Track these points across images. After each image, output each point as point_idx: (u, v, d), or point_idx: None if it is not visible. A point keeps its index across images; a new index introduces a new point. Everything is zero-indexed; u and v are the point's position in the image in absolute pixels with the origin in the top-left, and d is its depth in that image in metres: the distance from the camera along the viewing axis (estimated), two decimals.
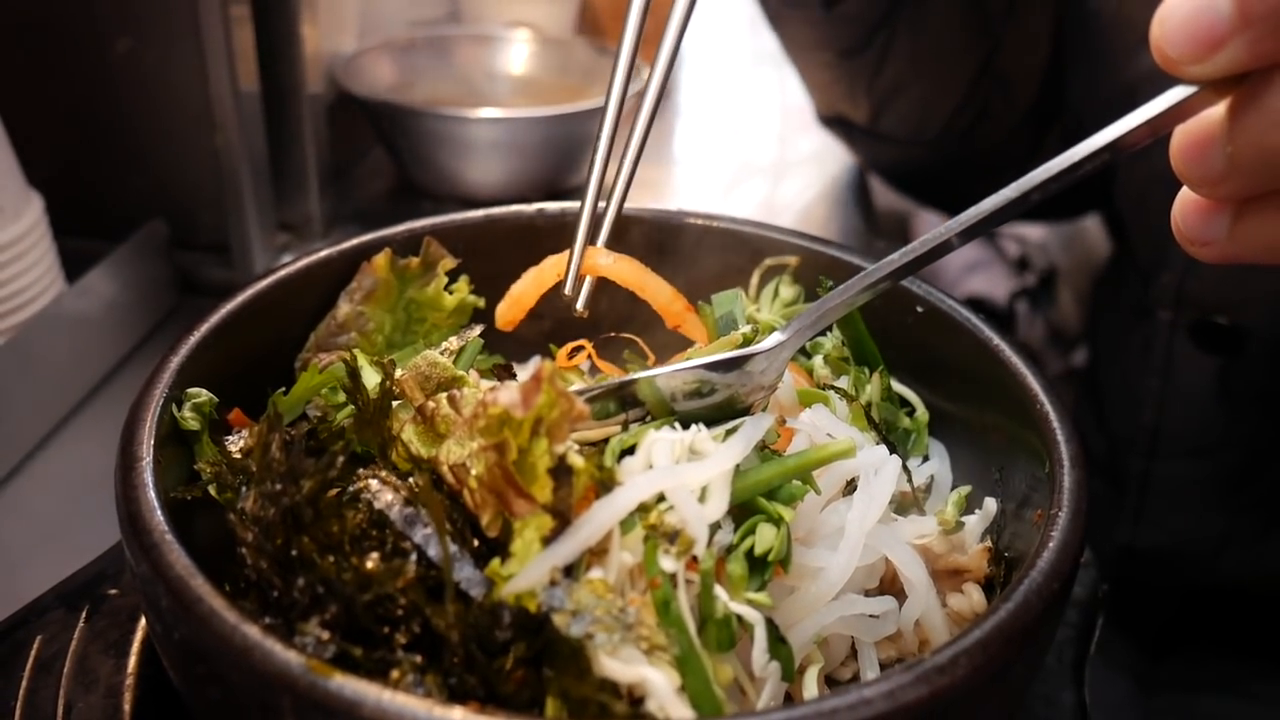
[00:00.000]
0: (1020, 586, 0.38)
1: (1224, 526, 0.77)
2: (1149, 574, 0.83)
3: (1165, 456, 0.78)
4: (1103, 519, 0.87)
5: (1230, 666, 0.85)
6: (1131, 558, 0.82)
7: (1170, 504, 0.79)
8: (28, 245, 0.73)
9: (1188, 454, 0.77)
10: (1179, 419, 0.76)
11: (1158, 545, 0.81)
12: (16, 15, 0.84)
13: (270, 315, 0.54)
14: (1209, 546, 0.78)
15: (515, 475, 0.39)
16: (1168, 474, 0.78)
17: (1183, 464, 0.77)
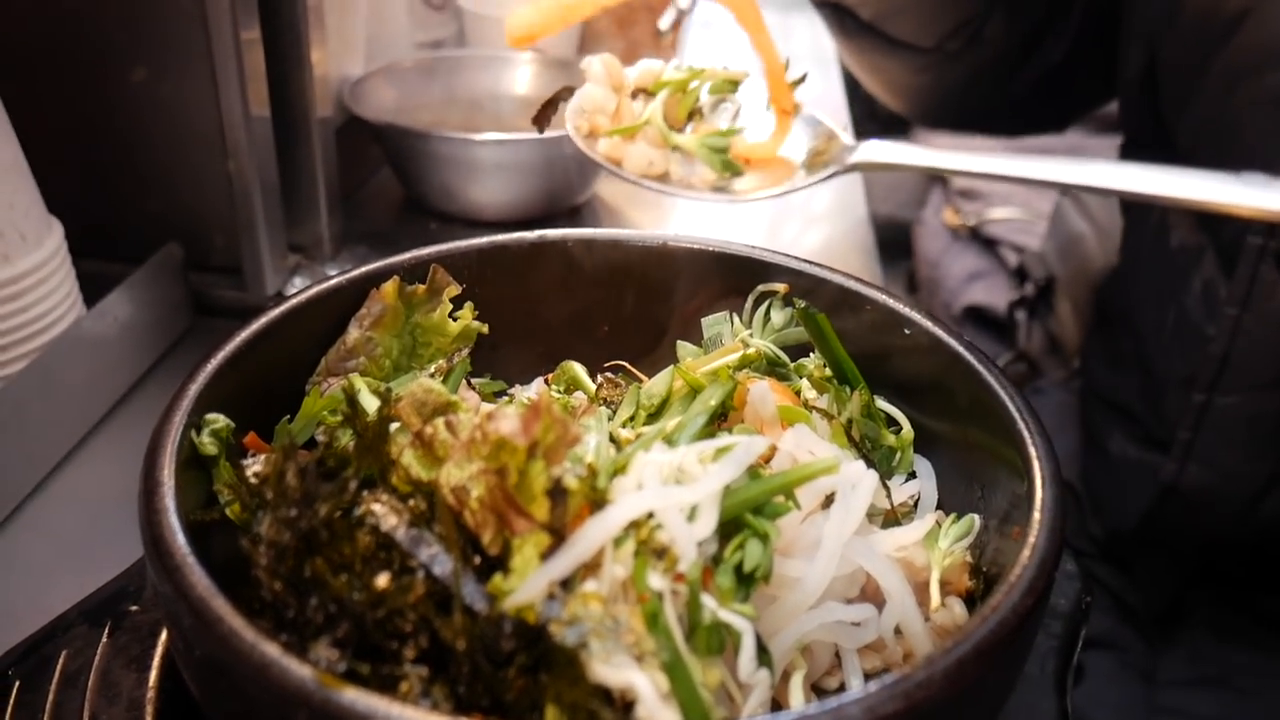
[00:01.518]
0: (996, 603, 0.41)
1: (1271, 467, 0.78)
2: (1186, 516, 0.84)
3: (1228, 390, 0.78)
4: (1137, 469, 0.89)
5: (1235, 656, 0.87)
6: (1174, 497, 0.83)
7: (1225, 439, 0.79)
8: (49, 271, 0.76)
9: (1253, 387, 0.77)
10: (1251, 350, 0.76)
11: (1204, 483, 0.81)
12: (37, 49, 0.87)
13: (283, 341, 0.57)
14: (1256, 486, 0.79)
15: (514, 496, 0.41)
16: (1228, 407, 0.78)
17: (1246, 397, 0.77)
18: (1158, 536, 0.87)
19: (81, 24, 0.87)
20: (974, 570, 0.51)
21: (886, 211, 2.28)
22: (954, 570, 0.50)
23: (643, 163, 0.45)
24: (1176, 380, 0.82)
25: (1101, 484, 0.97)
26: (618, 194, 1.22)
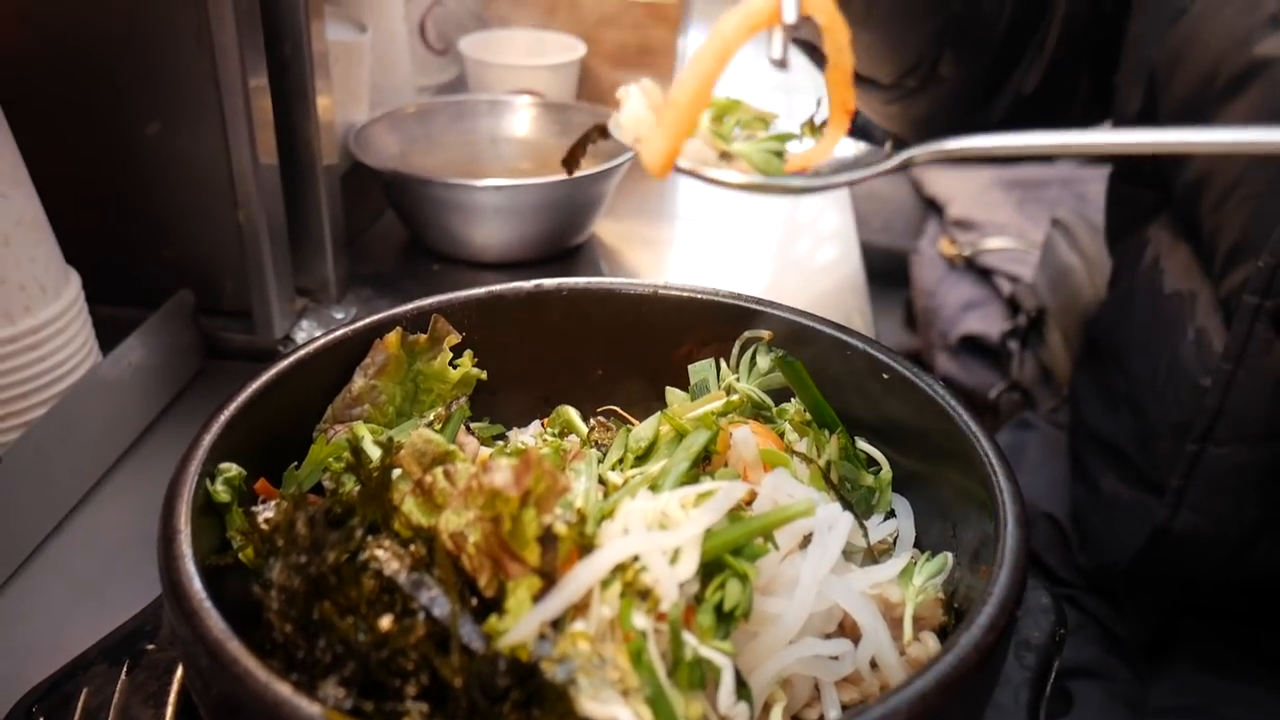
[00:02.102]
0: (959, 639, 0.43)
1: (1263, 514, 0.79)
2: (1179, 558, 0.85)
3: (1222, 441, 0.79)
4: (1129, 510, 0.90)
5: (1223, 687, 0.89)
6: (1165, 541, 0.84)
7: (1216, 488, 0.81)
8: (67, 321, 0.79)
9: (1245, 440, 0.78)
10: (1244, 405, 0.77)
11: (1195, 529, 0.83)
12: (55, 105, 0.91)
13: (291, 390, 0.60)
14: (1245, 532, 0.80)
15: (508, 542, 0.44)
16: (1220, 458, 0.79)
17: (1238, 449, 0.78)
18: (1149, 574, 0.89)
19: (98, 81, 0.90)
20: (947, 605, 0.54)
21: (883, 242, 2.32)
22: (927, 605, 0.53)
23: (698, 158, 0.48)
24: (1169, 426, 0.84)
25: (1093, 521, 0.98)
26: (616, 235, 1.26)
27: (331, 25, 1.07)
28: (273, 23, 0.93)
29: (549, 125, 1.30)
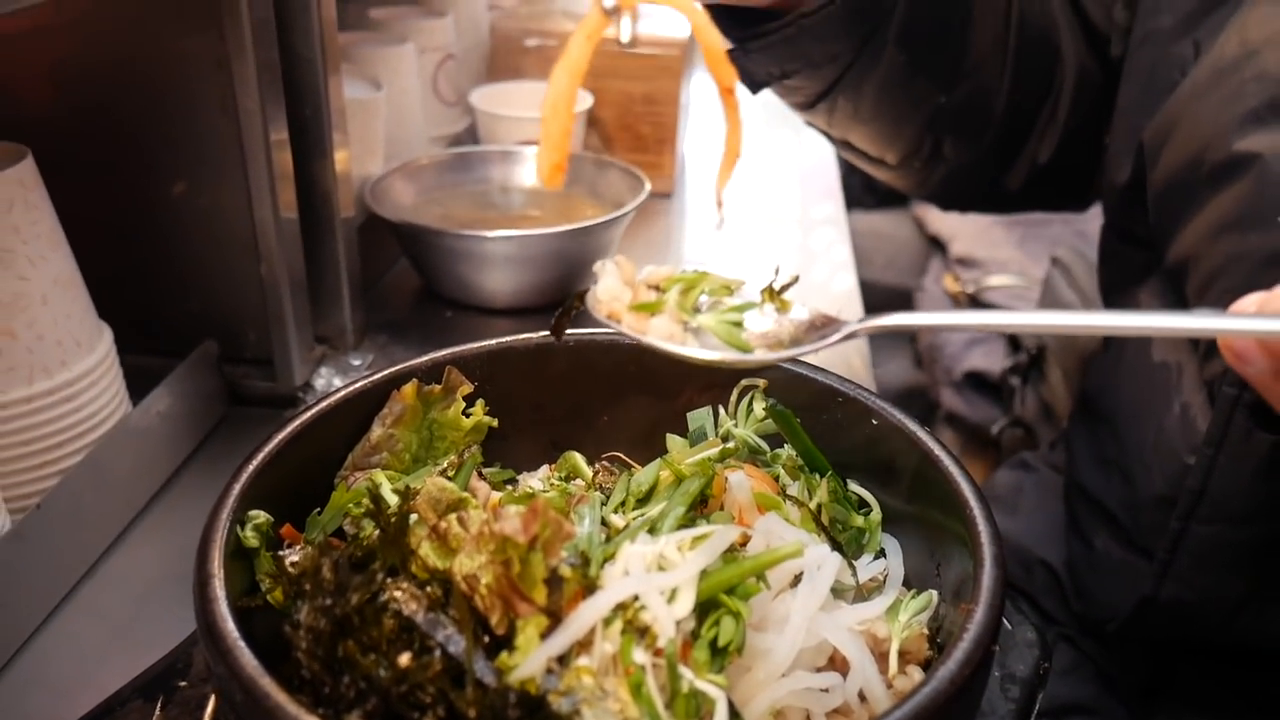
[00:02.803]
0: (936, 672, 0.47)
1: (1247, 587, 0.81)
2: (1166, 626, 0.88)
3: (1203, 520, 0.81)
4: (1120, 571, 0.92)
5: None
6: (1153, 609, 0.86)
7: (1200, 563, 0.82)
8: (100, 373, 0.84)
9: (1226, 519, 0.80)
10: (1225, 488, 0.79)
11: (1180, 599, 0.84)
12: (88, 169, 0.96)
13: (314, 441, 0.64)
14: (1230, 604, 0.82)
15: (518, 584, 0.48)
16: (1203, 535, 0.81)
17: (1219, 528, 0.80)
18: (1140, 635, 0.91)
19: (128, 144, 0.96)
20: (931, 640, 0.57)
21: (888, 280, 2.36)
22: (913, 640, 0.56)
23: (665, 333, 0.52)
24: (1154, 499, 0.85)
25: (1087, 577, 0.99)
26: None
27: (348, 83, 1.13)
28: (293, 85, 0.98)
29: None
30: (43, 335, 0.78)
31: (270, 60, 0.92)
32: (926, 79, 0.94)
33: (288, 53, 0.96)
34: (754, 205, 1.60)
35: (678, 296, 0.54)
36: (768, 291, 0.55)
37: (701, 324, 0.53)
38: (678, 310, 0.53)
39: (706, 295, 0.55)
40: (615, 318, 0.55)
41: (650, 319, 0.53)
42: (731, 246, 1.46)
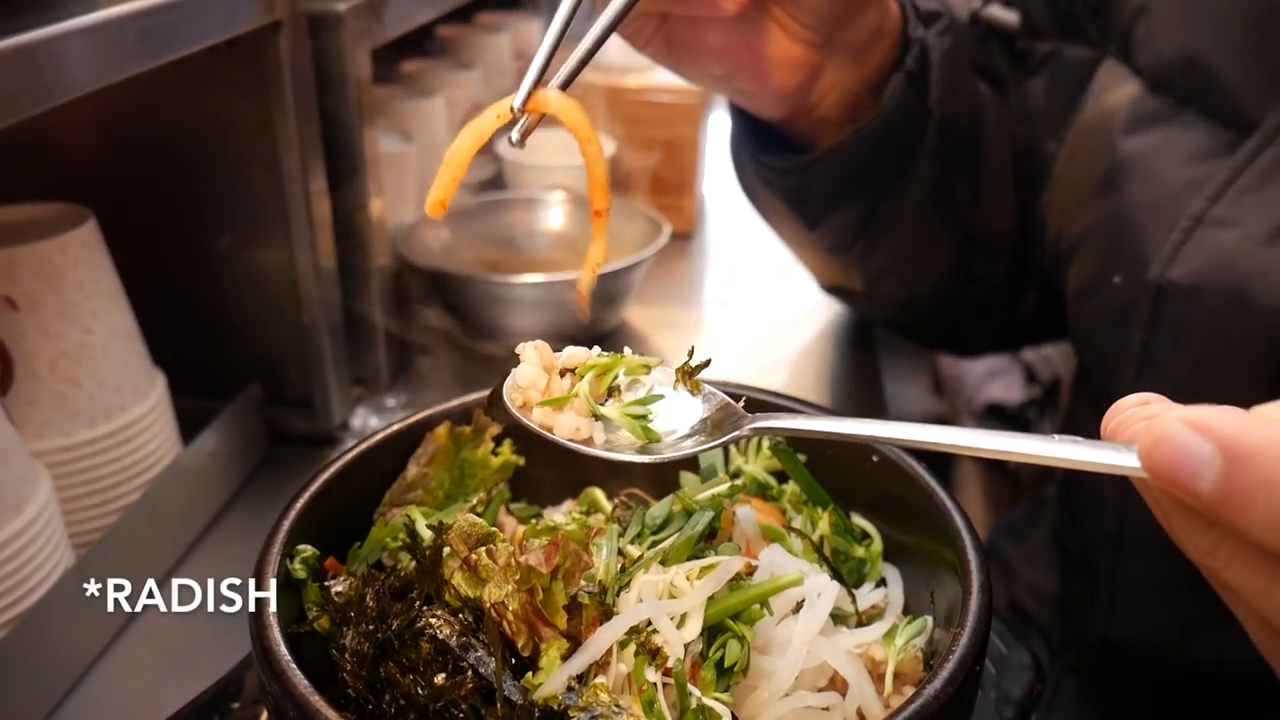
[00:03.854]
0: (923, 690, 0.51)
1: (1186, 618, 0.85)
2: (1125, 663, 0.91)
3: (1130, 556, 0.85)
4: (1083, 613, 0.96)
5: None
6: (1108, 648, 0.90)
7: (1138, 598, 0.87)
8: (154, 417, 0.90)
9: (1150, 554, 0.84)
10: (1138, 524, 0.84)
11: (1130, 636, 0.89)
12: (143, 227, 1.03)
13: (355, 480, 0.69)
14: (1175, 636, 0.86)
15: (541, 610, 0.53)
16: (1134, 571, 0.86)
17: (1146, 563, 0.85)
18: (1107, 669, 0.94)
19: (180, 203, 1.02)
20: (926, 662, 0.61)
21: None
22: (908, 663, 0.60)
23: (570, 429, 0.54)
24: (1092, 540, 0.89)
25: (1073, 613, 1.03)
26: (646, 320, 1.36)
27: (382, 137, 1.19)
28: (332, 143, 1.05)
29: (581, 219, 1.41)
30: (104, 382, 0.85)
31: (310, 122, 0.99)
32: (957, 193, 0.97)
33: (326, 114, 1.03)
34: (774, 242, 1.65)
35: (590, 384, 0.56)
36: (681, 372, 0.58)
37: (607, 414, 0.56)
38: (587, 402, 0.55)
39: (625, 376, 0.58)
40: (528, 409, 0.57)
41: (558, 413, 0.56)
42: (750, 285, 1.51)
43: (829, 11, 0.79)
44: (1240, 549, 0.37)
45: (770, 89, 0.83)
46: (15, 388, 0.82)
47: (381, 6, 1.06)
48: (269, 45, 0.92)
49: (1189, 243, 0.75)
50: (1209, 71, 0.78)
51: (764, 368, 1.28)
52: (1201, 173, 0.77)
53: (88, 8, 0.68)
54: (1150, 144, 0.82)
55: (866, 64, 0.86)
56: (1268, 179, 0.72)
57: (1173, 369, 0.78)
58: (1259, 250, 0.71)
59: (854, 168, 0.89)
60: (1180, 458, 0.35)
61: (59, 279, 0.81)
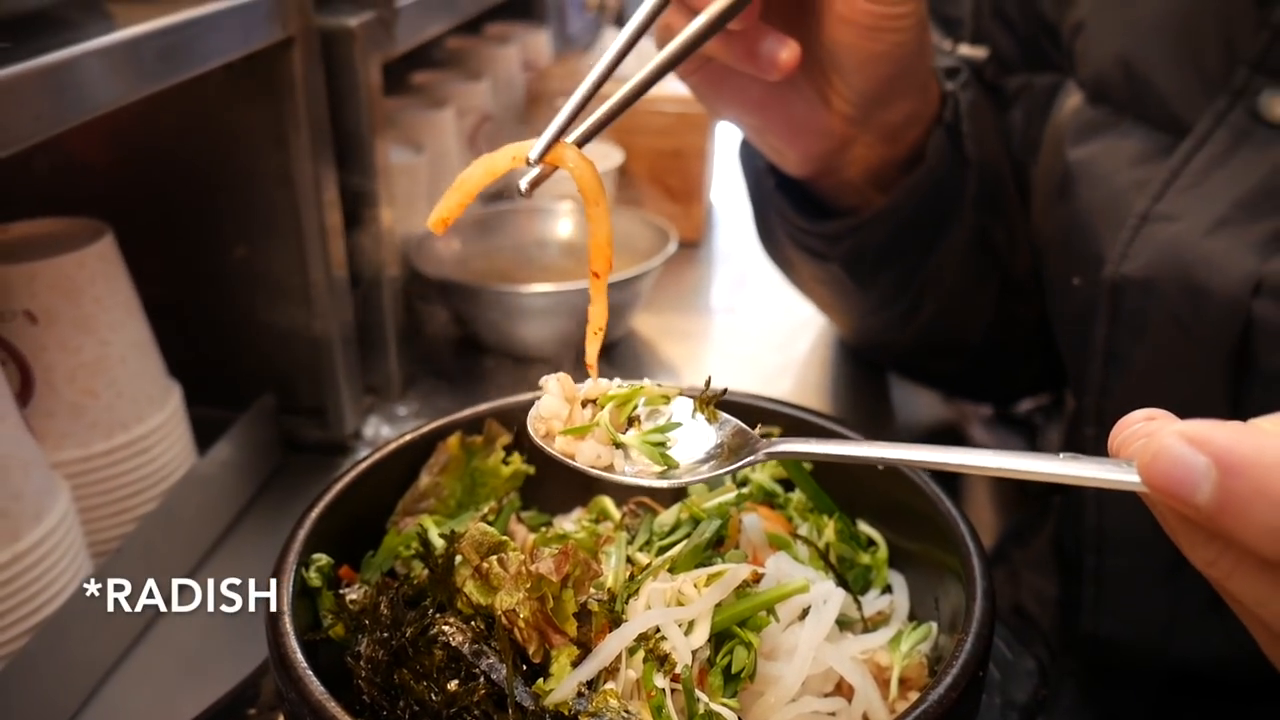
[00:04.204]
0: (927, 695, 0.52)
1: (1169, 611, 0.86)
2: (1115, 660, 0.93)
3: (1111, 552, 0.87)
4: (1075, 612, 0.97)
5: None
6: (1097, 644, 0.92)
7: (1121, 593, 0.89)
8: (171, 427, 0.91)
9: (1129, 548, 0.86)
10: (1116, 518, 0.86)
11: (1117, 632, 0.90)
12: (158, 240, 1.04)
13: (368, 489, 0.70)
14: (1159, 631, 0.87)
15: (552, 618, 0.54)
16: (1115, 567, 0.88)
17: (1126, 558, 0.87)
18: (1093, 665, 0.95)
19: (194, 216, 1.04)
20: (931, 668, 0.62)
21: None
22: (913, 669, 0.61)
23: (591, 456, 0.56)
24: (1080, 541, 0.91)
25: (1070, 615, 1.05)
26: (654, 328, 1.37)
27: (393, 149, 1.21)
28: (344, 155, 1.06)
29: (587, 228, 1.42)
30: (121, 394, 0.86)
31: (323, 135, 1.01)
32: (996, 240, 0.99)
33: (338, 127, 1.05)
34: None
35: (611, 413, 0.58)
36: (699, 402, 0.60)
37: (628, 442, 0.58)
38: (608, 431, 0.57)
39: (644, 406, 0.60)
40: (550, 437, 0.59)
41: (580, 441, 0.58)
42: (758, 293, 1.52)
43: (871, 92, 0.79)
44: (1241, 559, 0.38)
45: (799, 150, 0.85)
46: (35, 400, 0.84)
47: (392, 21, 1.08)
48: (283, 61, 0.94)
49: (1137, 239, 0.79)
50: (1144, 80, 0.82)
51: (771, 374, 1.29)
52: (1144, 175, 0.81)
53: (108, 28, 0.70)
54: (1094, 151, 0.86)
55: (898, 145, 0.87)
56: (1203, 177, 0.76)
57: (1136, 360, 0.81)
58: (1202, 241, 0.75)
59: (902, 222, 0.91)
60: (1177, 472, 0.37)
61: (77, 293, 0.83)
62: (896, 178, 0.89)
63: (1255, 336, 0.73)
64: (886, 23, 0.73)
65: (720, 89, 0.81)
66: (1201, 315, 0.76)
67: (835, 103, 0.80)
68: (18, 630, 0.75)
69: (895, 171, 0.89)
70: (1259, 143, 0.75)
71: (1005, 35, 1.00)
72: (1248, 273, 0.73)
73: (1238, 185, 0.75)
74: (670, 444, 0.58)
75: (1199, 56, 0.79)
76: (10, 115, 0.61)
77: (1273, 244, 0.72)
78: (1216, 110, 0.77)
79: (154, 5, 0.79)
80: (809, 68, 0.77)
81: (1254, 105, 0.75)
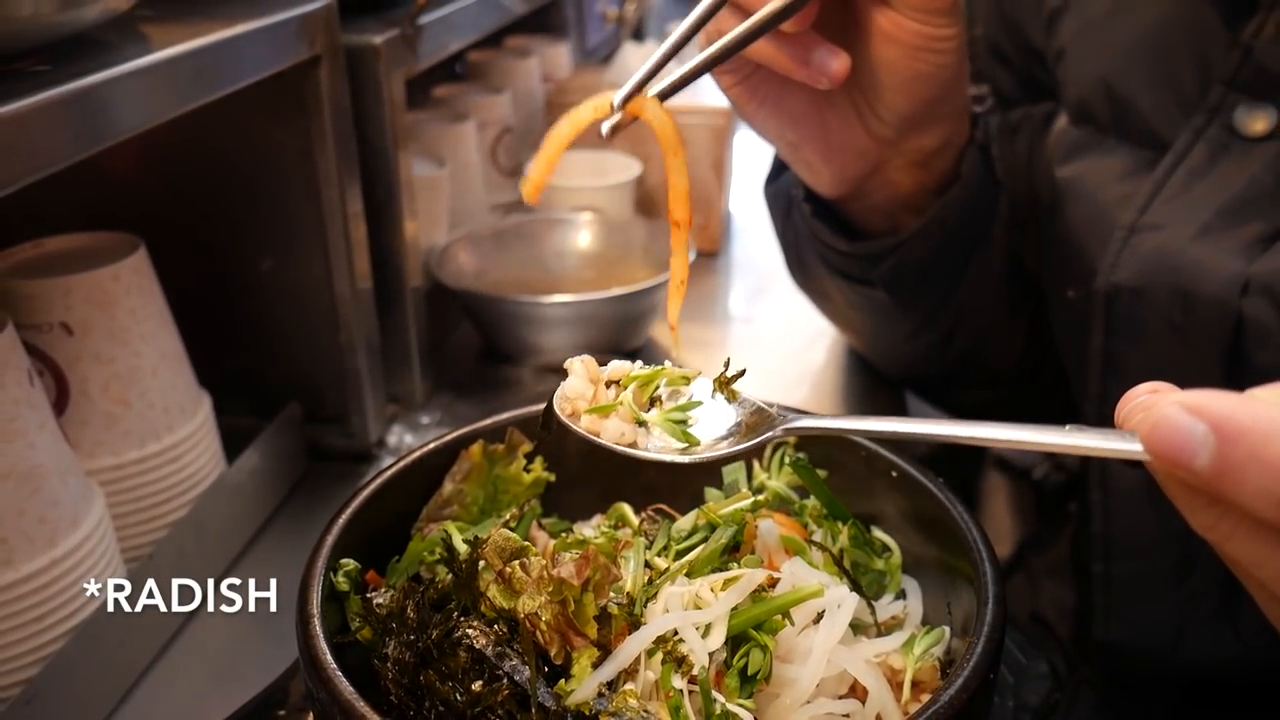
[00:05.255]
0: (938, 696, 0.53)
1: (1178, 616, 0.87)
2: (1127, 667, 0.94)
3: (1118, 559, 0.89)
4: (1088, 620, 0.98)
5: None
6: (1110, 651, 0.93)
7: (1130, 600, 0.90)
8: (200, 436, 0.94)
9: (1135, 554, 0.88)
10: (1121, 525, 0.87)
11: (1128, 638, 0.91)
12: (187, 253, 1.07)
13: (393, 497, 0.72)
14: (1168, 636, 0.88)
15: (573, 620, 0.56)
16: (1123, 574, 0.89)
17: (1133, 564, 0.88)
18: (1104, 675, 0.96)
19: (223, 229, 1.07)
20: (943, 671, 0.63)
21: None
22: (926, 671, 0.63)
23: (616, 434, 0.58)
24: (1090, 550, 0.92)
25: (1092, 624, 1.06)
26: (670, 339, 1.38)
27: (415, 162, 1.23)
28: (368, 168, 1.08)
29: (609, 239, 1.44)
30: (153, 403, 0.89)
31: (348, 149, 1.03)
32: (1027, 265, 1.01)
33: (363, 141, 1.07)
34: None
35: (634, 394, 0.60)
36: (719, 382, 0.62)
37: (651, 420, 0.60)
38: (631, 409, 0.59)
39: (665, 387, 0.61)
40: (576, 417, 0.61)
41: (604, 419, 0.60)
42: (775, 302, 1.53)
43: (909, 113, 0.80)
44: (1239, 522, 0.40)
45: (833, 168, 0.85)
46: (70, 409, 0.86)
47: (415, 38, 1.10)
48: (309, 78, 0.96)
49: (1127, 248, 0.82)
50: (1124, 101, 0.86)
51: (789, 383, 1.30)
52: (1128, 189, 0.84)
53: (144, 49, 0.72)
54: (1080, 169, 0.90)
55: (929, 172, 0.88)
56: (1186, 189, 0.80)
57: (1132, 366, 0.84)
58: (1190, 247, 0.78)
59: (943, 239, 0.91)
60: (1178, 439, 0.39)
61: (111, 305, 0.85)
62: (927, 203, 0.90)
63: (1246, 335, 0.76)
64: (931, 44, 0.74)
65: (762, 101, 0.82)
66: (1193, 317, 0.79)
67: (872, 123, 0.81)
68: (56, 633, 0.78)
69: (926, 198, 0.90)
70: (1236, 155, 0.78)
71: (1003, 72, 1.02)
72: (1235, 274, 0.76)
73: (1219, 194, 0.78)
74: (691, 422, 0.59)
75: (1175, 77, 0.83)
76: (52, 135, 0.64)
77: (1256, 246, 0.76)
78: (1195, 126, 0.80)
79: (186, 26, 0.82)
80: (849, 86, 0.78)
81: (1229, 120, 0.78)
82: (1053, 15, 0.94)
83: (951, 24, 0.74)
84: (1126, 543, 0.87)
